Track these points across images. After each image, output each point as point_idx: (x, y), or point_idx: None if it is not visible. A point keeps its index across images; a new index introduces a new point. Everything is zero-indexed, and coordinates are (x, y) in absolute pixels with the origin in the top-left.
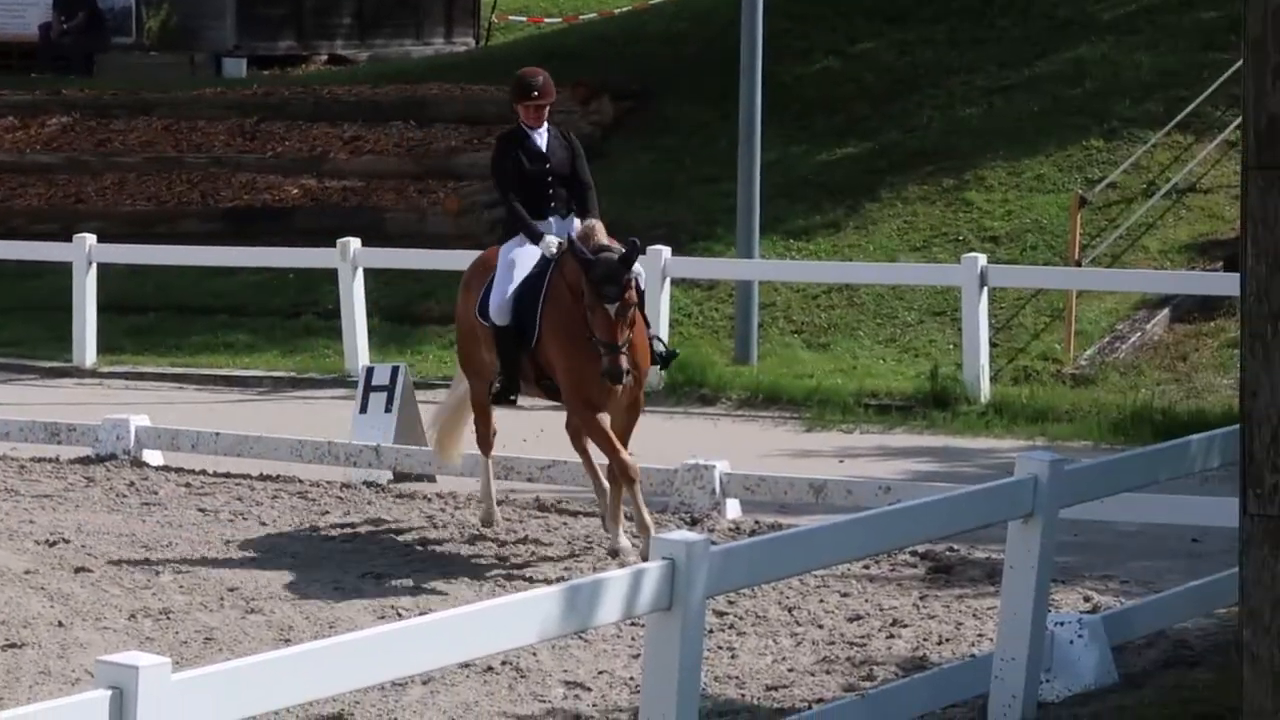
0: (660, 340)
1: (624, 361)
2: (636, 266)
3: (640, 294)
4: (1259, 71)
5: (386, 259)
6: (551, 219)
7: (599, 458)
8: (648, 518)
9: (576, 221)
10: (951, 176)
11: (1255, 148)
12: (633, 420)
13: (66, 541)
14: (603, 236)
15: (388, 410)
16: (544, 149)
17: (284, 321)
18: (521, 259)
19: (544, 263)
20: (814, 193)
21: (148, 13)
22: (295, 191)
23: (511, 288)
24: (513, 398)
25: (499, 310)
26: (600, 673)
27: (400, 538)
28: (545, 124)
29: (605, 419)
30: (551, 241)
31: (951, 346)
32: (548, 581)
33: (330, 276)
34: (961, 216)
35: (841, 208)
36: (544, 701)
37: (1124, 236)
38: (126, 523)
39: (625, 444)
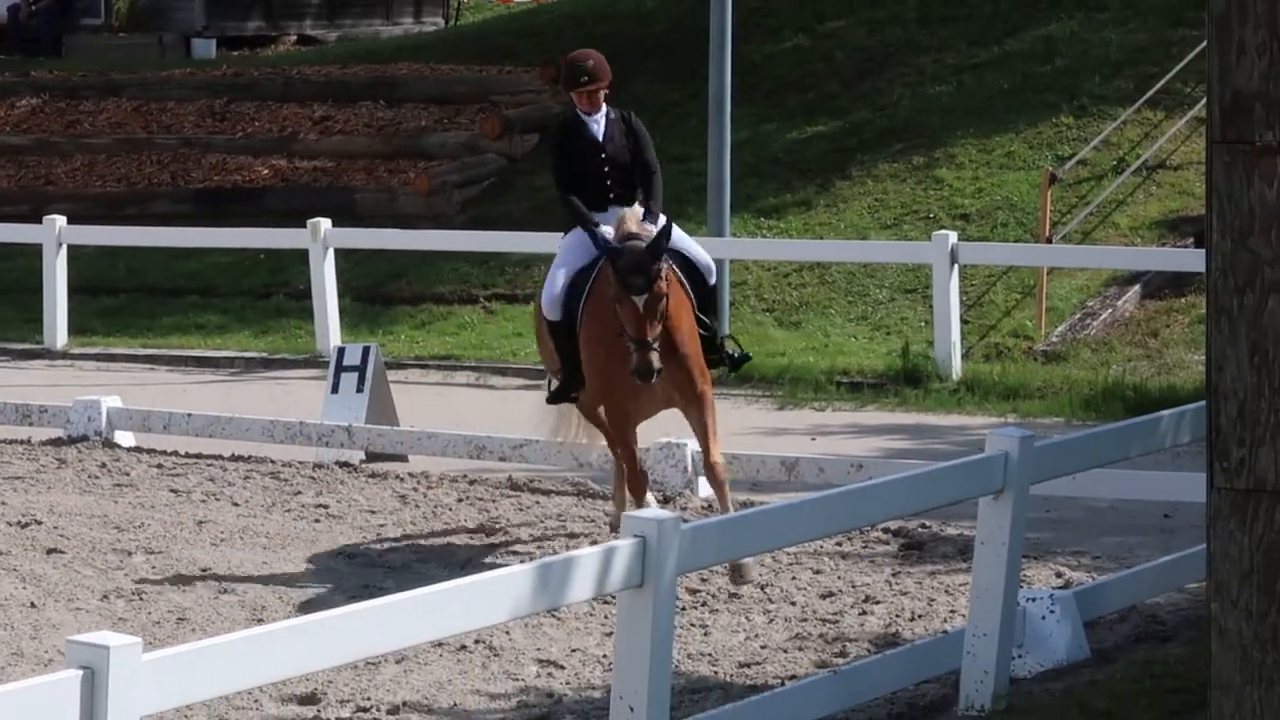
0: (735, 341)
1: (654, 358)
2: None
3: (683, 284)
4: (1223, 47)
5: (357, 239)
6: (612, 210)
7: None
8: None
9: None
10: (922, 154)
11: (1220, 123)
12: (705, 412)
13: (38, 523)
14: (633, 224)
15: (359, 390)
16: (600, 137)
17: (255, 302)
18: (576, 251)
19: (598, 255)
20: (784, 171)
21: None
22: (265, 172)
23: (563, 281)
24: (574, 395)
25: (550, 304)
26: (573, 650)
27: (373, 517)
28: (604, 109)
29: (633, 434)
30: (601, 233)
31: (923, 324)
32: (520, 560)
33: (301, 257)
34: (932, 194)
35: (812, 186)
36: (517, 680)
37: (1094, 213)
38: (98, 504)
39: (710, 440)
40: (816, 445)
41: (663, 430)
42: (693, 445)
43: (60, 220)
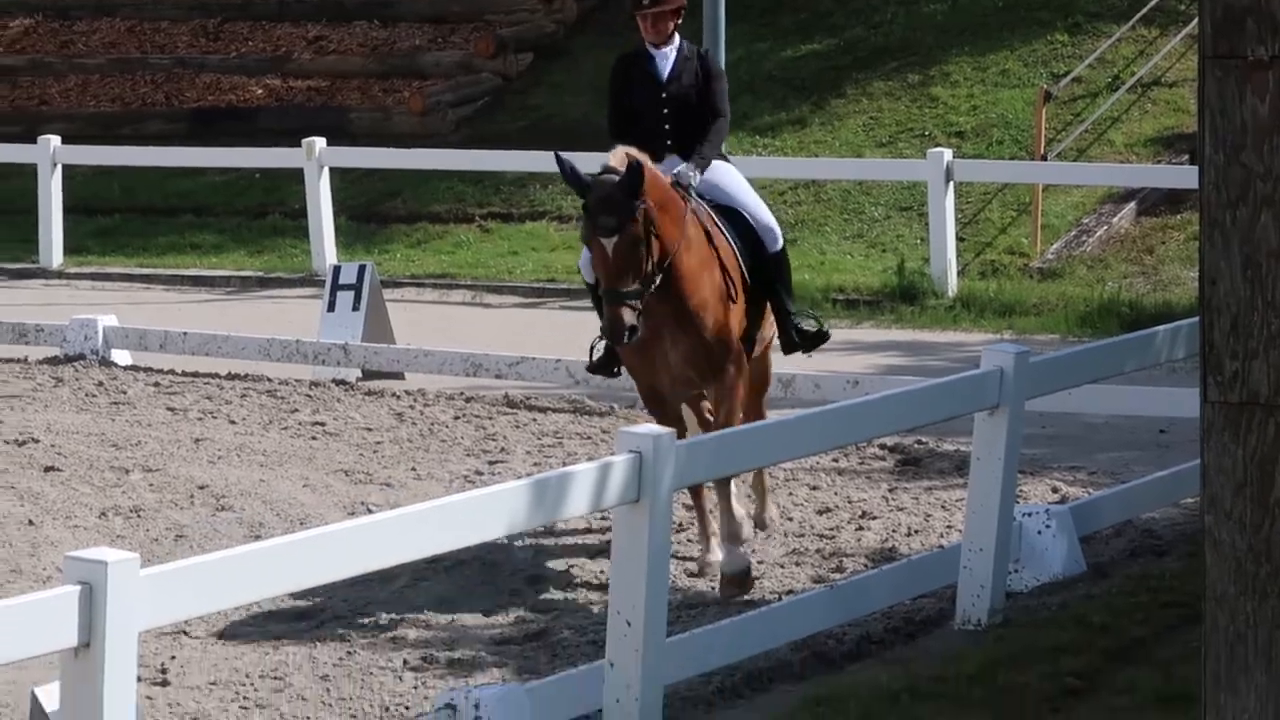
0: (813, 317)
1: (628, 315)
2: (691, 174)
3: (719, 236)
4: None
5: (352, 158)
6: (669, 161)
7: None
8: (738, 522)
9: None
10: (916, 72)
11: (1211, 37)
12: (723, 400)
13: (36, 441)
14: (616, 160)
15: (355, 309)
16: (664, 74)
17: (250, 221)
18: None
19: None
20: (779, 90)
21: None
22: (260, 92)
23: None
24: (616, 370)
25: (585, 263)
26: (570, 566)
27: (369, 435)
28: (676, 41)
29: (669, 418)
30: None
31: (919, 241)
32: (517, 477)
33: (296, 176)
34: (927, 112)
35: (807, 104)
36: (514, 595)
37: (1089, 131)
38: (95, 422)
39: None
40: (813, 362)
41: None
42: None
43: (55, 140)
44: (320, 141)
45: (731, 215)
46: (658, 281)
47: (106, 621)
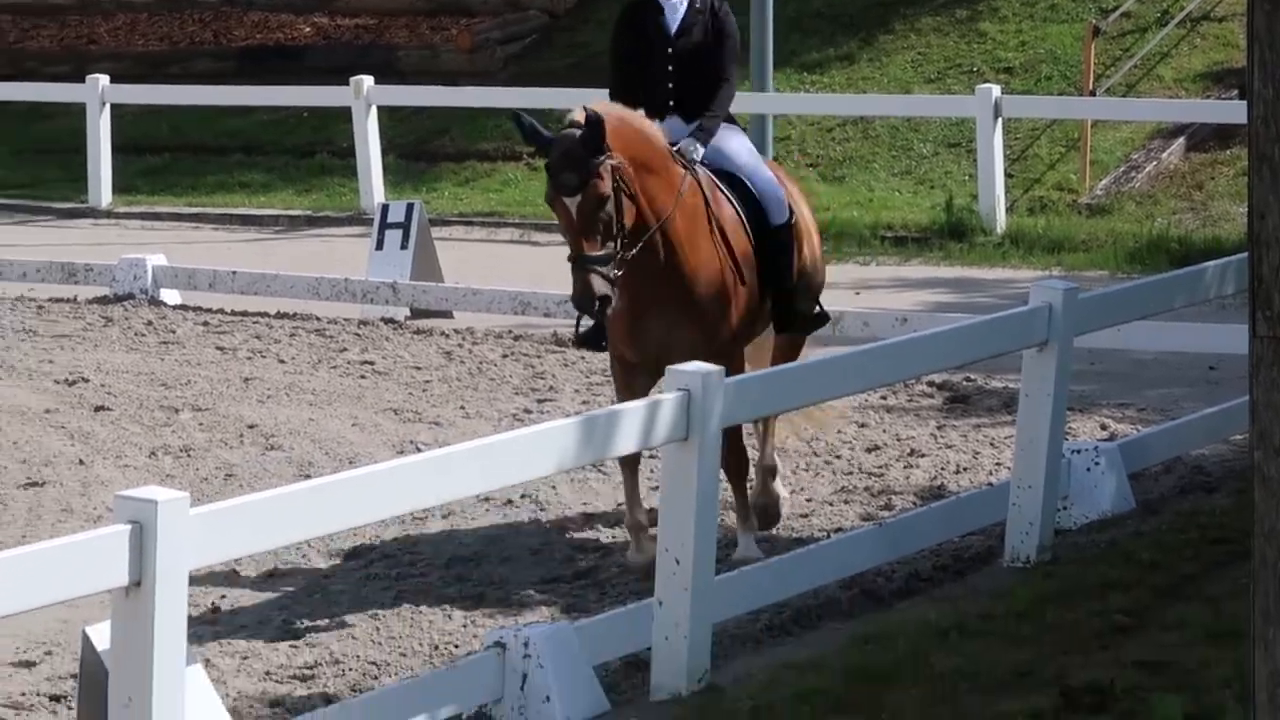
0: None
1: (598, 283)
2: (694, 149)
3: (722, 203)
4: None
5: (400, 96)
6: (671, 121)
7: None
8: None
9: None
10: (965, 7)
11: None
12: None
13: (86, 380)
14: (579, 114)
15: (404, 247)
16: (673, 27)
17: (298, 160)
18: None
19: None
20: (827, 26)
21: None
22: (307, 30)
23: None
24: (604, 342)
25: None
26: (619, 505)
27: (418, 374)
28: None
29: (631, 395)
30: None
31: (967, 178)
32: (565, 415)
33: (344, 115)
34: (975, 48)
35: (855, 40)
36: (563, 533)
37: (1138, 66)
38: (145, 361)
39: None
40: (861, 299)
41: None
42: None
43: (103, 79)
44: (368, 80)
45: (735, 183)
46: (635, 249)
47: (157, 560)
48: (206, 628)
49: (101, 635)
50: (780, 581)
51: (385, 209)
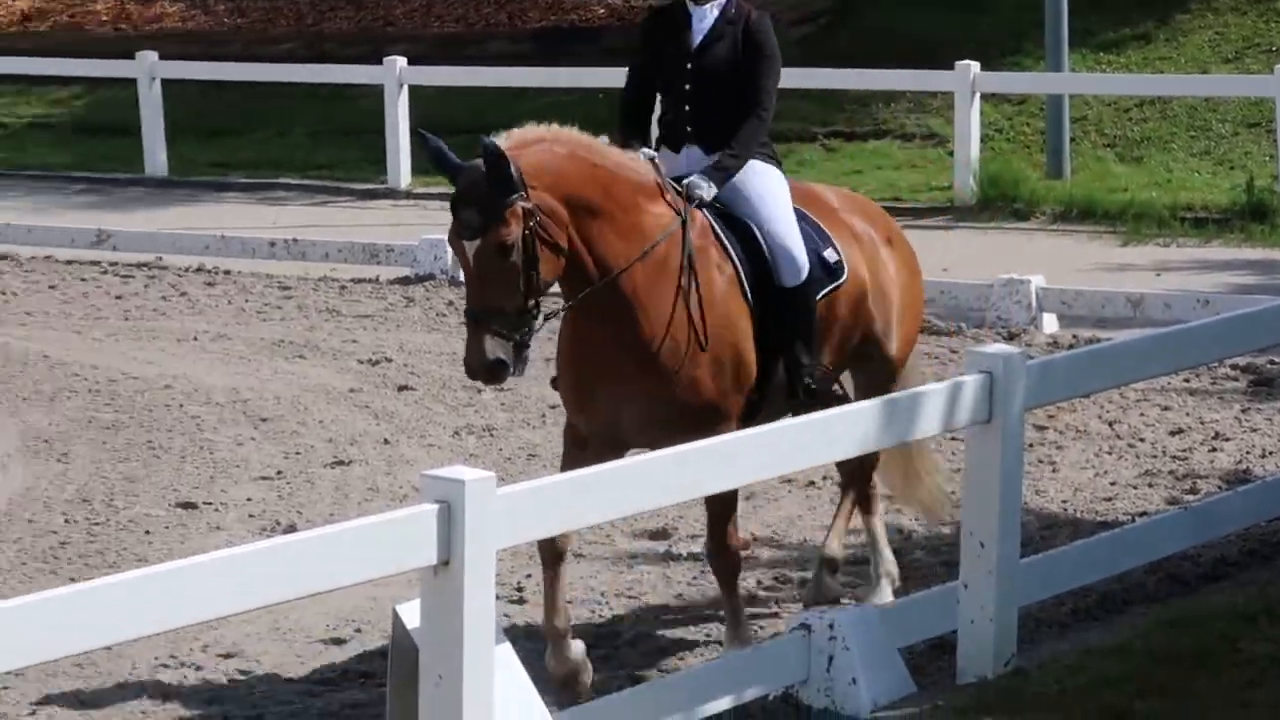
0: (812, 376)
1: (490, 346)
2: (703, 188)
3: (720, 251)
4: None
5: None
6: (688, 152)
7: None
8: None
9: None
10: None
11: None
12: None
13: (389, 360)
14: (510, 139)
15: None
16: (695, 39)
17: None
18: None
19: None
20: (1123, 5)
21: None
22: (601, 11)
23: None
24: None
25: None
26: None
27: None
28: None
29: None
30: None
31: (1267, 159)
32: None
33: None
34: (1274, 26)
35: (1151, 20)
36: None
37: None
38: (447, 341)
39: (713, 522)
40: (1161, 281)
41: (1003, 266)
42: (1037, 281)
43: (401, 61)
44: None
45: (728, 222)
46: (566, 307)
47: (465, 540)
48: (514, 607)
49: (412, 613)
50: (1085, 565)
51: None
